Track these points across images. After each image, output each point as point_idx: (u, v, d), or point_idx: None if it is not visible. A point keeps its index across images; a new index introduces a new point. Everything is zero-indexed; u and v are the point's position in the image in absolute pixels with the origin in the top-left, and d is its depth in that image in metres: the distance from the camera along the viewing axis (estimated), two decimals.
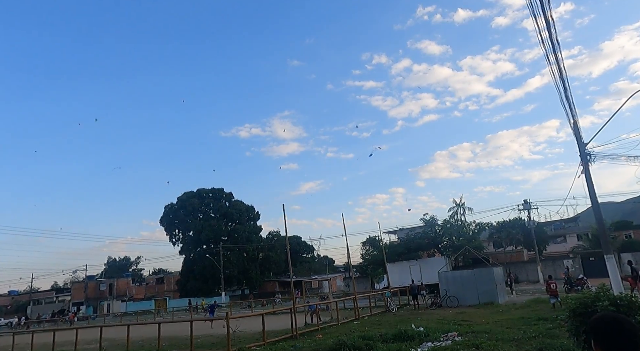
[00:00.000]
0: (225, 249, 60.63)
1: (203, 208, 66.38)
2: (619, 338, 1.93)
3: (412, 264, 40.70)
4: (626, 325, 1.96)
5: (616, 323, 1.98)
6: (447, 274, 26.41)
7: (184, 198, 65.72)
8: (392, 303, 25.78)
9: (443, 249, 47.07)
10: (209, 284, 59.75)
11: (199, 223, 63.23)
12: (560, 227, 60.60)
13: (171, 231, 65.44)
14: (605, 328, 1.99)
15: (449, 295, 24.01)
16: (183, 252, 64.96)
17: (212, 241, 62.22)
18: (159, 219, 66.38)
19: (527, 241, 44.91)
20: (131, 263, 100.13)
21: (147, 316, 45.30)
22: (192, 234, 63.81)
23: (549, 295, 19.90)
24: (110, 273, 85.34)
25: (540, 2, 7.88)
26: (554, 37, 9.76)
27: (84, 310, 64.08)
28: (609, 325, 1.99)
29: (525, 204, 41.99)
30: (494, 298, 23.15)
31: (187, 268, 63.19)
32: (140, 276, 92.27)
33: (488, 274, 24.36)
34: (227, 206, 67.38)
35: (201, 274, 60.19)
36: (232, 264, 60.78)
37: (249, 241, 64.44)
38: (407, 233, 50.60)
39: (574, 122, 17.58)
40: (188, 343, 15.44)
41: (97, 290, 70.73)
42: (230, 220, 66.27)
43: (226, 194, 68.36)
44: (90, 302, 67.82)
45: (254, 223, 68.99)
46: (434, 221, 48.56)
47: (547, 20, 8.98)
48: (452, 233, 46.81)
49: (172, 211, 65.13)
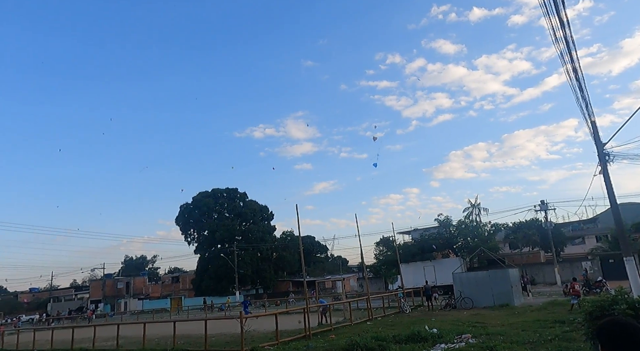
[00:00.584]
0: (240, 249, 61.10)
1: (217, 208, 67.00)
2: (625, 342, 1.97)
3: (426, 265, 40.42)
4: (632, 329, 1.99)
5: (622, 327, 2.02)
6: (461, 275, 26.15)
7: (199, 197, 66.44)
8: (406, 304, 25.65)
9: (458, 250, 46.60)
10: (223, 283, 60.26)
11: (214, 223, 63.83)
12: (579, 228, 59.37)
13: (186, 230, 66.21)
14: (612, 332, 2.03)
15: (464, 297, 23.78)
16: (198, 251, 65.67)
17: (227, 240, 62.76)
18: (174, 219, 67.36)
19: (544, 242, 44.13)
20: (147, 261, 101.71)
21: (162, 315, 45.95)
22: (207, 234, 64.44)
23: (571, 294, 19.58)
24: (127, 272, 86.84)
25: (554, 1, 7.75)
26: (569, 37, 9.58)
27: (101, 307, 65.28)
28: (616, 329, 2.03)
29: (542, 205, 41.26)
30: (510, 300, 22.85)
31: (202, 267, 63.86)
32: (156, 275, 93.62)
33: (503, 276, 24.05)
34: (241, 206, 67.89)
35: (216, 274, 60.77)
36: (246, 264, 61.21)
37: (262, 240, 64.82)
38: (421, 233, 50.22)
39: (592, 122, 17.26)
40: (203, 342, 15.64)
41: (114, 288, 71.99)
42: (244, 220, 66.74)
43: (240, 194, 68.88)
44: (108, 300, 69.07)
45: (268, 223, 69.36)
46: (449, 221, 48.10)
47: (561, 20, 8.83)
48: (467, 234, 46.29)
49: (187, 211, 65.90)
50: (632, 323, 2.06)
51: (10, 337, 26.35)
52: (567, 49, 9.95)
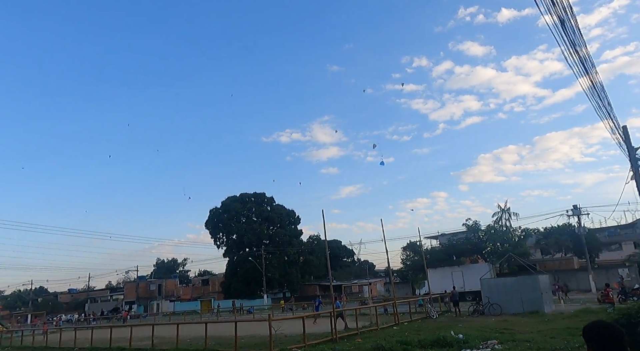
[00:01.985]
0: (267, 253, 62.03)
1: (245, 212, 68.25)
2: (609, 341, 2.25)
3: (454, 271, 39.96)
4: (614, 330, 2.28)
5: (606, 328, 2.31)
6: (489, 281, 25.86)
7: (228, 202, 67.89)
8: (433, 309, 25.57)
9: (487, 255, 45.84)
10: (251, 286, 61.30)
11: (242, 227, 65.06)
12: (615, 233, 57.17)
13: (215, 234, 67.73)
14: (597, 333, 2.32)
15: (492, 303, 23.53)
16: (227, 255, 67.05)
17: (254, 244, 63.84)
18: (204, 223, 69.05)
19: (577, 248, 42.85)
20: (178, 264, 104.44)
21: (193, 317, 47.23)
22: (235, 238, 65.72)
23: (605, 302, 19.14)
24: (159, 274, 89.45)
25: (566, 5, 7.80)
26: (584, 49, 9.52)
27: (135, 308, 67.56)
28: (600, 330, 2.31)
29: (574, 210, 40.13)
30: (540, 307, 22.45)
31: (231, 271, 65.14)
32: (187, 277, 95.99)
33: (532, 282, 23.65)
34: (269, 210, 68.92)
35: (244, 277, 61.88)
36: (274, 268, 62.04)
37: (289, 244, 65.54)
38: (449, 238, 49.68)
39: (622, 127, 16.93)
40: (233, 343, 16.21)
41: (147, 290, 74.35)
42: (271, 224, 67.71)
43: (267, 199, 69.93)
44: (141, 301, 71.41)
45: (295, 227, 70.08)
46: (477, 226, 47.41)
47: (566, 30, 8.87)
48: (496, 239, 45.48)
49: (216, 215, 67.43)
50: (616, 325, 2.36)
51: (52, 336, 27.79)
52: (582, 64, 9.95)
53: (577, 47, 9.59)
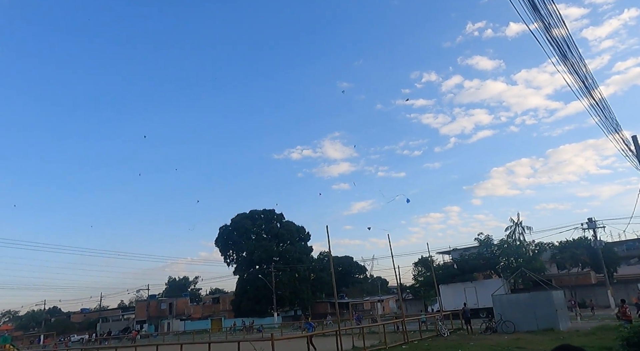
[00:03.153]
0: (277, 270, 61.52)
1: (255, 229, 68.03)
2: None
3: (467, 287, 39.07)
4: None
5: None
6: (501, 297, 25.12)
7: (237, 219, 67.84)
8: (444, 327, 24.88)
9: (500, 270, 44.75)
10: (262, 304, 60.66)
11: (252, 244, 64.79)
12: (634, 247, 55.51)
13: (225, 251, 67.52)
14: None
15: (504, 320, 22.80)
16: (237, 272, 66.68)
17: (264, 261, 63.41)
18: (214, 240, 68.94)
19: (594, 262, 41.59)
20: (190, 282, 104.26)
21: (203, 336, 46.73)
22: (245, 255, 65.41)
23: (622, 319, 18.39)
24: (170, 293, 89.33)
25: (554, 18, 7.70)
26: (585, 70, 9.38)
27: (146, 328, 67.21)
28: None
29: (589, 223, 39.10)
30: (554, 324, 21.68)
31: (241, 288, 64.65)
32: (198, 295, 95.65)
33: (546, 298, 22.89)
34: (278, 227, 68.64)
35: (254, 295, 61.32)
36: (284, 285, 61.39)
37: (300, 261, 64.96)
38: (461, 253, 48.71)
39: (632, 137, 16.54)
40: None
41: (158, 309, 74.07)
42: (281, 241, 67.34)
43: (277, 215, 69.74)
44: (152, 320, 71.07)
45: (305, 244, 69.57)
46: (490, 241, 46.45)
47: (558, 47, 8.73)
48: (509, 254, 44.44)
49: (226, 233, 67.35)
50: (580, 348, 2.16)
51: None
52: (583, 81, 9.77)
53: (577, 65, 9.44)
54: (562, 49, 9.19)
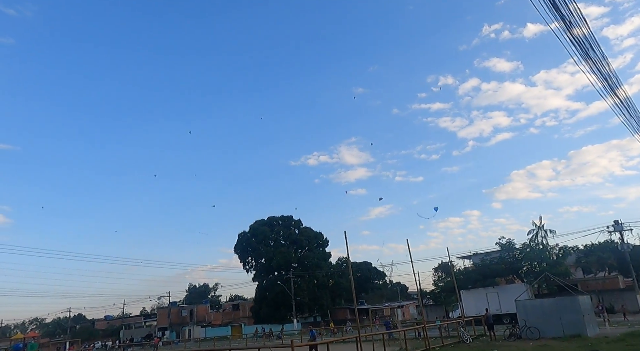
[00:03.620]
0: (296, 276, 61.49)
1: (273, 236, 68.21)
2: None
3: (489, 292, 38.34)
4: None
5: None
6: (525, 303, 24.55)
7: (256, 226, 68.17)
8: (466, 333, 24.43)
9: (523, 275, 43.77)
10: (281, 311, 60.63)
11: (270, 250, 64.95)
12: None
13: (244, 258, 67.86)
14: None
15: (529, 326, 22.27)
16: (256, 279, 66.88)
17: (283, 268, 63.45)
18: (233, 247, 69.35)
19: (622, 266, 40.28)
20: (210, 289, 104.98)
21: (223, 342, 46.99)
22: (264, 262, 65.59)
23: None
24: (191, 300, 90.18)
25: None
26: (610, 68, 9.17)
27: (168, 335, 67.95)
28: None
29: (616, 225, 37.94)
30: (581, 330, 21.06)
31: (260, 295, 64.81)
32: (218, 302, 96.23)
33: (572, 304, 22.27)
34: (297, 233, 68.67)
35: (273, 301, 61.36)
36: (303, 291, 61.27)
37: (318, 267, 64.78)
38: (482, 258, 47.80)
39: None
40: None
41: (179, 316, 74.85)
42: (299, 247, 67.34)
43: (295, 221, 69.80)
44: (174, 327, 71.83)
45: (323, 250, 69.39)
46: (512, 245, 45.51)
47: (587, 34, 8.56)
48: (532, 258, 43.41)
49: (244, 239, 67.71)
50: None
51: None
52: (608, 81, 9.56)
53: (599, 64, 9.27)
54: (583, 47, 9.02)
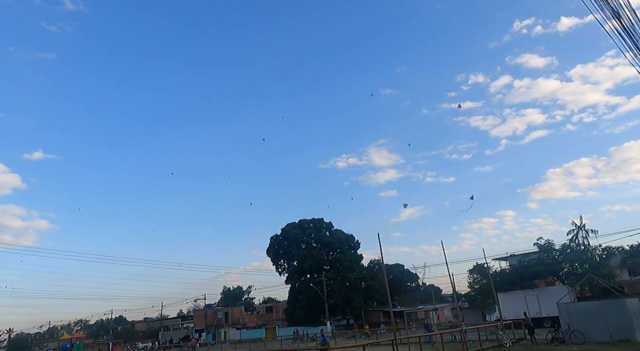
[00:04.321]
0: (328, 279, 61.60)
1: (305, 238, 68.65)
2: None
3: (528, 294, 37.18)
4: None
5: None
6: (568, 306, 23.67)
7: (287, 229, 68.83)
8: (506, 336, 23.80)
9: (564, 277, 42.16)
10: (314, 313, 60.86)
11: (302, 253, 65.37)
12: None
13: (277, 261, 68.58)
14: None
15: (573, 330, 21.46)
16: (288, 281, 67.44)
17: (315, 270, 63.71)
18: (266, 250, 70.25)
19: None
20: (243, 292, 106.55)
21: (258, 344, 47.66)
22: (296, 264, 66.07)
23: None
24: (225, 302, 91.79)
25: None
26: None
27: (204, 336, 69.48)
28: None
29: None
30: (630, 335, 20.11)
31: (293, 297, 65.30)
32: (252, 305, 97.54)
33: (620, 307, 21.29)
34: (328, 235, 68.84)
35: (306, 304, 61.69)
36: (336, 294, 61.30)
37: (350, 270, 64.68)
38: (519, 259, 46.37)
39: None
40: None
41: (215, 318, 76.40)
42: (331, 249, 67.44)
43: (326, 224, 70.01)
44: (210, 329, 73.37)
45: (355, 252, 69.24)
46: (551, 245, 43.93)
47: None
48: (573, 259, 41.75)
49: (276, 242, 68.48)
50: None
51: None
52: None
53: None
54: (633, 38, 8.60)
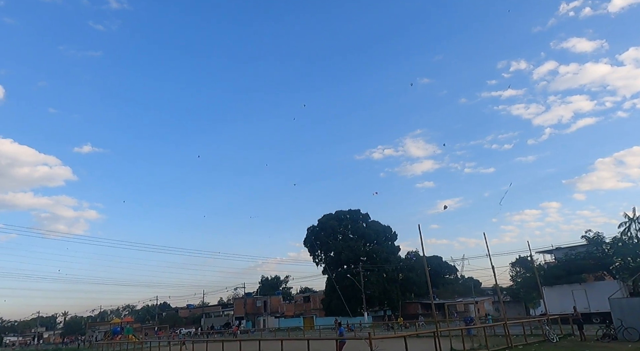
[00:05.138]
0: (365, 270, 61.60)
1: (342, 229, 68.86)
2: None
3: (575, 289, 35.75)
4: None
5: None
6: (621, 301, 22.54)
7: (324, 220, 69.23)
8: (552, 332, 23.00)
9: (615, 272, 40.10)
10: (351, 303, 61.10)
11: (339, 244, 65.63)
12: None
13: (314, 251, 69.21)
14: None
15: (626, 326, 20.43)
16: (326, 272, 67.98)
17: (352, 261, 63.86)
18: (302, 241, 71.15)
19: None
20: (281, 281, 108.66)
21: (297, 333, 48.49)
22: (333, 255, 66.47)
23: None
24: (263, 291, 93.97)
25: None
26: None
27: (244, 323, 71.51)
28: None
29: None
30: None
31: (330, 288, 65.78)
32: (289, 294, 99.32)
33: None
34: (364, 226, 68.70)
35: (343, 294, 61.99)
36: (373, 285, 61.25)
37: (387, 261, 64.36)
38: (565, 252, 44.48)
39: None
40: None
41: (254, 306, 78.43)
42: (368, 241, 67.31)
43: (363, 215, 69.85)
44: (249, 317, 75.41)
45: (392, 243, 68.78)
46: (601, 239, 41.83)
47: None
48: (626, 253, 39.56)
49: (313, 233, 69.06)
50: None
51: (174, 347, 30.65)
52: None
53: None
54: None
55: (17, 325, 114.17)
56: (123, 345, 37.77)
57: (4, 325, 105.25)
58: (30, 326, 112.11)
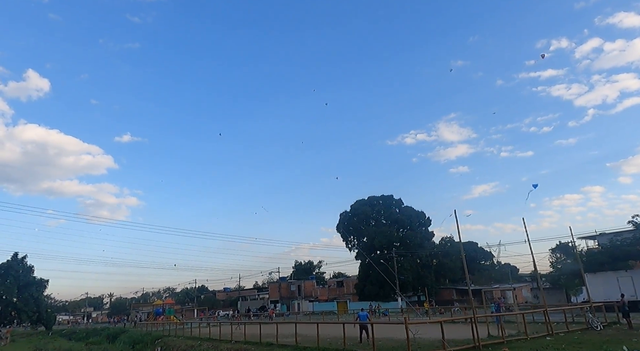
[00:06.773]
0: (398, 255, 61.32)
1: (374, 215, 68.58)
2: None
3: (621, 276, 34.28)
4: None
5: None
6: None
7: (357, 206, 69.15)
8: (596, 320, 22.22)
9: None
10: (385, 289, 61.15)
11: (372, 230, 65.50)
12: None
13: (346, 237, 69.45)
14: None
15: None
16: (359, 257, 68.18)
17: (385, 247, 63.67)
18: (335, 226, 71.48)
19: None
20: (314, 266, 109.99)
21: (331, 317, 49.15)
22: (366, 241, 66.45)
23: None
24: (297, 275, 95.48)
25: None
26: None
27: (279, 307, 73.15)
28: None
29: None
30: None
31: (364, 273, 65.99)
32: (323, 279, 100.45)
33: None
34: (397, 212, 68.13)
35: (377, 280, 62.04)
36: (406, 271, 60.97)
37: (421, 247, 63.76)
38: (610, 238, 42.59)
39: None
40: (369, 344, 16.44)
41: (288, 290, 79.95)
42: (401, 226, 66.79)
43: (396, 201, 69.24)
44: (284, 301, 77.00)
45: (425, 229, 67.96)
46: None
47: None
48: None
49: (346, 219, 69.20)
50: None
51: (213, 329, 31.69)
52: None
53: None
54: None
55: (67, 305, 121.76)
56: (166, 325, 39.55)
57: (56, 304, 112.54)
58: (80, 306, 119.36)
